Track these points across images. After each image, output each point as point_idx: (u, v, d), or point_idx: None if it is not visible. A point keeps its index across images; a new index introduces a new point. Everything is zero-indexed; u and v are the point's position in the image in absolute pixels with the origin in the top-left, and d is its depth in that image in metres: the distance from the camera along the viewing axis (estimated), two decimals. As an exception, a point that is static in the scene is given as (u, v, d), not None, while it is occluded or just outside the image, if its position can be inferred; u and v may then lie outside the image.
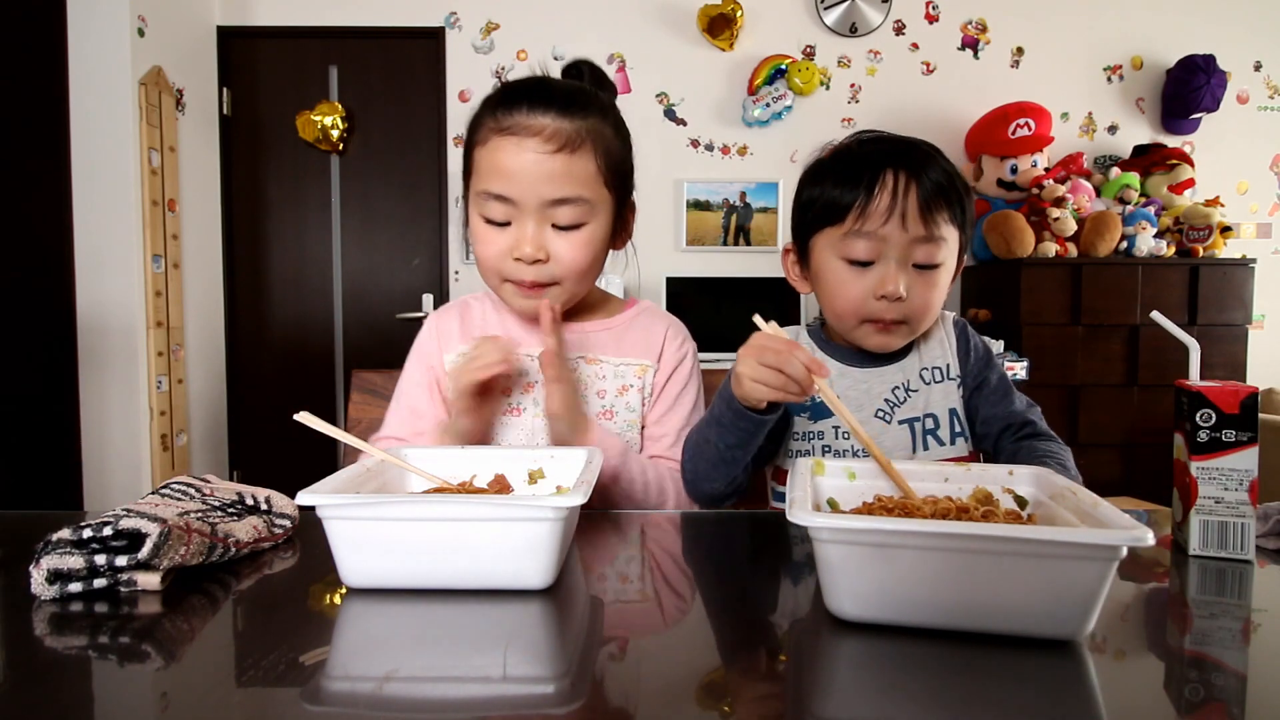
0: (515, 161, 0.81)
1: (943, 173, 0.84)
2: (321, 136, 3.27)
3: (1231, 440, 0.64)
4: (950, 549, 0.46)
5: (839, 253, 0.86)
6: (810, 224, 0.90)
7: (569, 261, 0.86)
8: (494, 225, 0.85)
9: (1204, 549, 0.64)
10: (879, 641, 0.47)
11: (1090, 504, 0.52)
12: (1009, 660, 0.45)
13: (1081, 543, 0.45)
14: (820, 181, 0.89)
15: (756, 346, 0.73)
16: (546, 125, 0.81)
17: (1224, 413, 0.64)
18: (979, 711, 0.40)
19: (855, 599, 0.48)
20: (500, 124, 0.83)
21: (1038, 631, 0.47)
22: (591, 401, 0.93)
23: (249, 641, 0.48)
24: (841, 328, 0.92)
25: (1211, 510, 0.64)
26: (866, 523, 0.47)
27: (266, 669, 0.43)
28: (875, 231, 0.83)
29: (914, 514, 0.57)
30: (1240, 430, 0.64)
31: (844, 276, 0.87)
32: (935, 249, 0.84)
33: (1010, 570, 0.46)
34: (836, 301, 0.88)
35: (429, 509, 0.53)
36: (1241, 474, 0.63)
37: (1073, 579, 0.45)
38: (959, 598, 0.47)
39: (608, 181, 0.86)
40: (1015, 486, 0.63)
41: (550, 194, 0.82)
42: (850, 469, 0.66)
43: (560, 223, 0.84)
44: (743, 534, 0.73)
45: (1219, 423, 0.64)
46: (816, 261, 0.90)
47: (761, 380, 0.72)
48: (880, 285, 0.84)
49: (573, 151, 0.82)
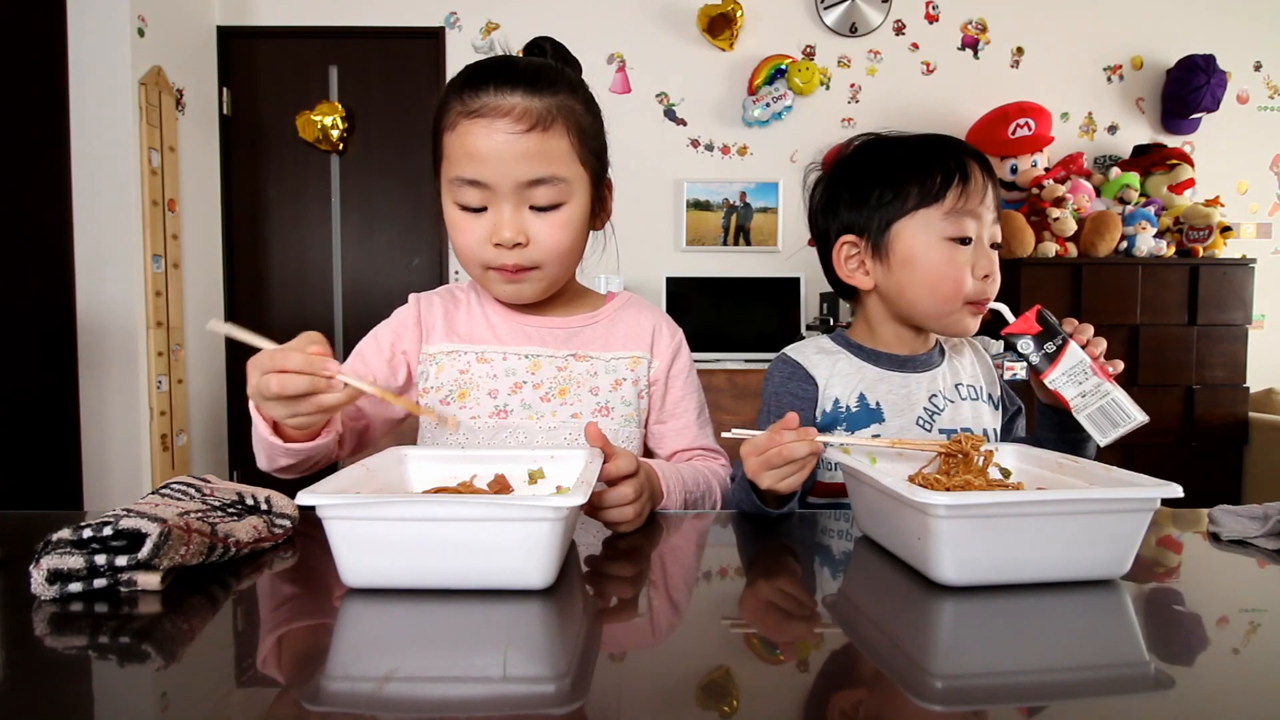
0: (487, 144, 0.79)
1: (981, 157, 0.89)
2: (321, 136, 3.27)
3: (1054, 350, 0.81)
4: (1042, 514, 0.55)
5: (942, 233, 0.87)
6: (891, 209, 0.89)
7: (550, 244, 0.84)
8: (470, 212, 0.83)
9: (1103, 435, 0.77)
10: (932, 608, 0.51)
11: (1104, 469, 0.63)
12: (1061, 601, 0.54)
13: (1131, 498, 0.55)
14: (889, 163, 0.90)
15: (759, 460, 0.72)
16: (515, 104, 0.79)
17: (1034, 335, 0.82)
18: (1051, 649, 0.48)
19: (960, 565, 0.54)
20: (468, 107, 0.81)
21: (1088, 575, 0.56)
22: (585, 400, 0.92)
23: (249, 641, 0.48)
24: (942, 311, 0.90)
25: (1086, 404, 0.79)
26: (982, 497, 0.54)
27: (266, 669, 0.43)
28: (974, 209, 0.86)
29: (970, 485, 0.67)
30: (1051, 339, 0.82)
31: (950, 257, 0.87)
32: (998, 228, 0.89)
33: (1080, 525, 0.55)
34: (942, 286, 0.88)
35: (429, 509, 0.53)
36: (1080, 365, 0.79)
37: (1119, 528, 0.56)
38: (1039, 554, 0.55)
39: (582, 159, 0.85)
40: (1000, 460, 0.74)
41: (525, 174, 0.80)
42: (871, 454, 0.74)
43: (538, 203, 0.82)
44: (742, 532, 0.73)
45: (1037, 343, 0.82)
46: (907, 247, 0.89)
47: (786, 476, 0.72)
48: (979, 265, 0.87)
49: (545, 130, 0.80)
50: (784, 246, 3.40)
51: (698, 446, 0.98)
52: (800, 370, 0.94)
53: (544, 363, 0.92)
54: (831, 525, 0.75)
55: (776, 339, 3.15)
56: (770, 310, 3.27)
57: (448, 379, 0.91)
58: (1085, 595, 0.55)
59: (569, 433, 0.90)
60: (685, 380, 1.00)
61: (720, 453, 1.00)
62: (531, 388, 0.91)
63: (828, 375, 0.93)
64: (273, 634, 0.49)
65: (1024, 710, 0.40)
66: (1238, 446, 3.13)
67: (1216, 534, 0.70)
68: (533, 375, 0.92)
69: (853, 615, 0.53)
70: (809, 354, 0.96)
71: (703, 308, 3.24)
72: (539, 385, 0.91)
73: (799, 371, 0.94)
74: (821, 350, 0.96)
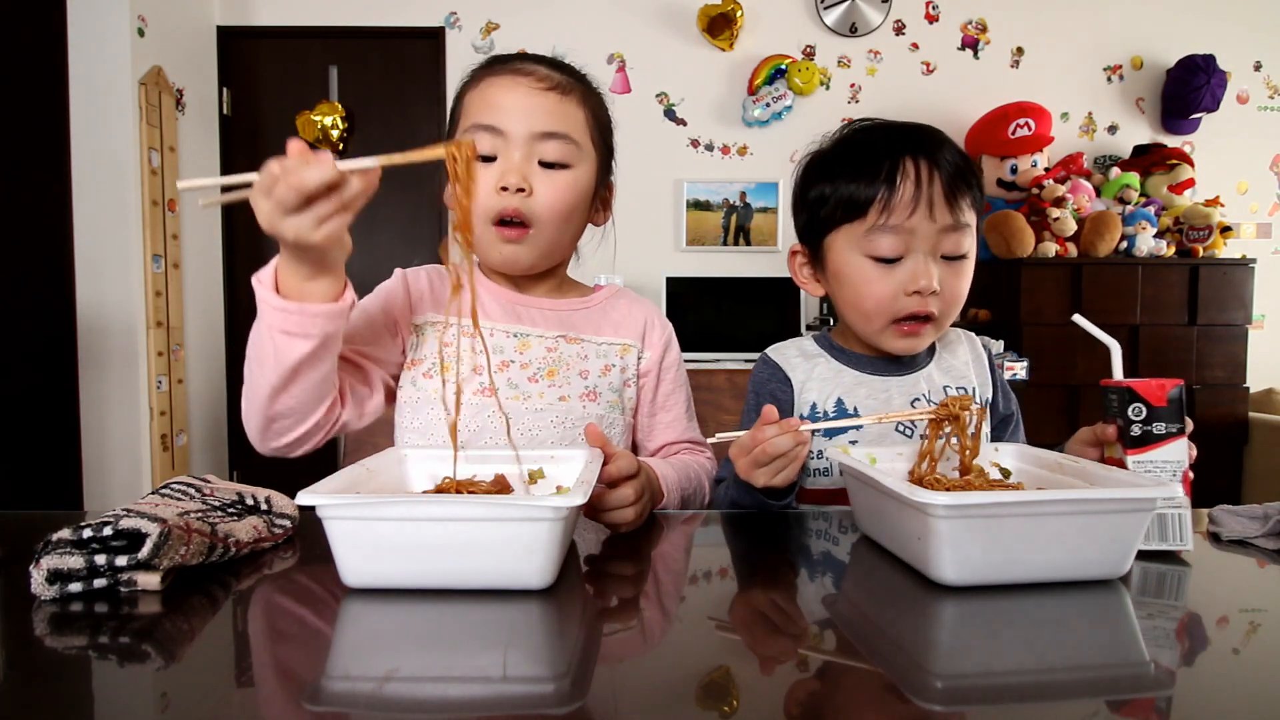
0: (508, 96, 0.83)
1: (959, 154, 0.81)
2: (321, 136, 3.27)
3: (1163, 433, 0.66)
4: (1042, 514, 0.54)
5: (863, 250, 0.82)
6: (824, 222, 0.85)
7: (551, 199, 0.84)
8: (481, 161, 0.82)
9: (1145, 542, 0.64)
10: (931, 608, 0.51)
11: (1104, 470, 0.63)
12: (1061, 601, 0.54)
13: (1131, 498, 0.55)
14: (830, 176, 0.84)
15: (749, 461, 0.72)
16: (539, 69, 0.85)
17: (1154, 406, 0.66)
18: (1051, 649, 0.47)
19: (960, 565, 0.54)
20: (494, 70, 0.85)
21: (1088, 575, 0.56)
22: (574, 382, 0.91)
23: (249, 641, 0.48)
24: (867, 330, 0.87)
25: None
26: (982, 497, 0.54)
27: (266, 669, 0.43)
28: (902, 224, 0.79)
29: (970, 485, 0.66)
30: (1170, 422, 0.66)
31: (870, 275, 0.82)
32: (962, 237, 0.81)
33: (1080, 525, 0.55)
34: (864, 302, 0.84)
35: (429, 509, 0.53)
36: (1174, 465, 0.66)
37: (1119, 528, 0.55)
38: (1039, 554, 0.55)
39: (594, 138, 0.88)
40: (1000, 460, 0.73)
41: (540, 125, 0.82)
42: (871, 454, 0.73)
43: (546, 158, 0.84)
44: (741, 533, 0.73)
45: (1149, 416, 0.66)
46: (835, 262, 0.86)
47: (779, 471, 0.71)
48: (912, 280, 0.80)
49: (564, 95, 0.84)
50: (784, 246, 3.40)
51: (685, 440, 0.99)
52: (779, 372, 0.93)
53: (533, 342, 0.91)
54: (825, 527, 0.75)
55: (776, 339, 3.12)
56: (770, 310, 3.27)
57: (430, 351, 0.89)
58: (1085, 595, 0.55)
59: (555, 416, 0.88)
60: (676, 373, 1.00)
61: (706, 446, 1.00)
62: (519, 367, 0.89)
63: (804, 379, 0.92)
64: (273, 634, 0.49)
65: (1024, 710, 0.40)
66: (1238, 446, 3.13)
67: (1216, 534, 0.70)
68: (520, 355, 0.90)
69: (852, 615, 0.53)
70: (789, 355, 0.94)
71: (702, 308, 3.24)
72: (527, 365, 0.89)
73: (777, 373, 0.93)
74: (802, 353, 0.95)
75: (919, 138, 0.82)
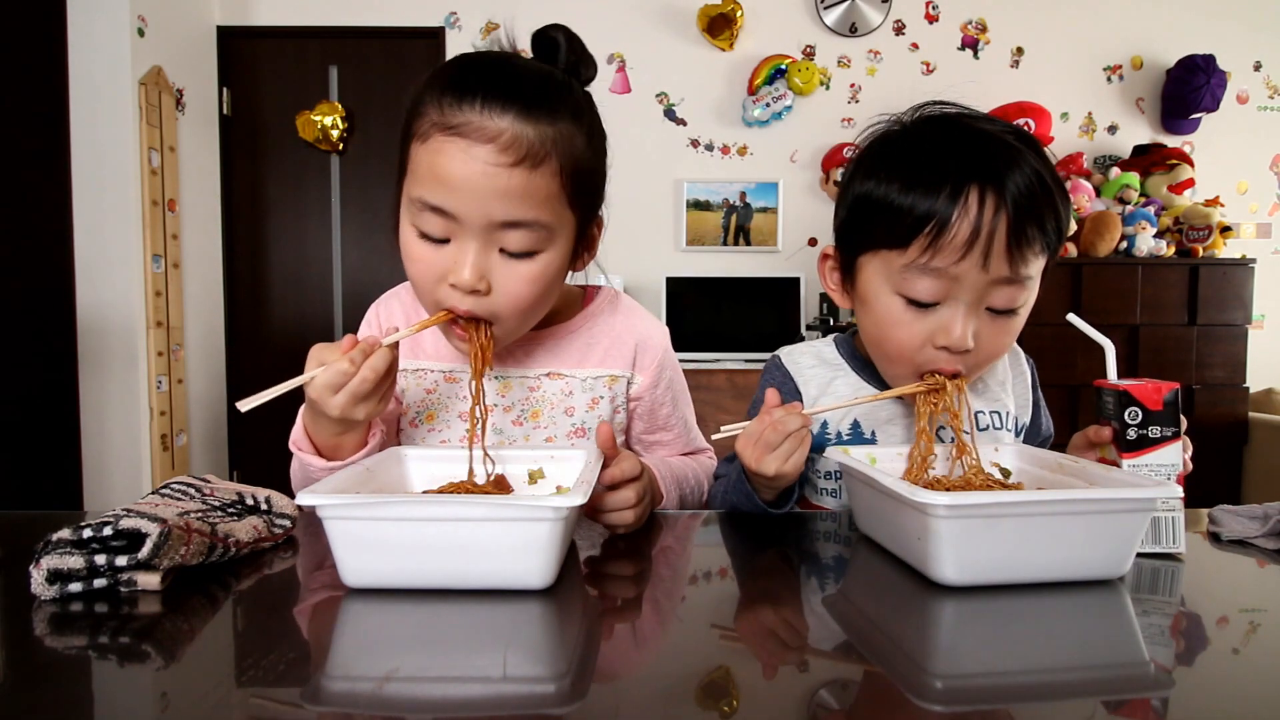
0: (462, 170, 0.65)
1: (1040, 182, 0.66)
2: (321, 136, 3.27)
3: (1158, 436, 0.65)
4: (1042, 514, 0.55)
5: (895, 287, 0.70)
6: (862, 236, 0.73)
7: (512, 296, 0.71)
8: (429, 241, 0.70)
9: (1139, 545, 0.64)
10: (931, 608, 0.51)
11: (1104, 470, 0.63)
12: (1061, 601, 0.54)
13: (1131, 498, 0.55)
14: (884, 173, 0.71)
15: (759, 446, 0.70)
16: (504, 130, 0.65)
17: (1150, 410, 0.65)
18: (1051, 649, 0.48)
19: (960, 565, 0.54)
20: (447, 120, 0.66)
21: (1088, 575, 0.56)
22: (560, 422, 0.85)
23: (249, 641, 0.48)
24: (886, 371, 0.79)
25: None
26: (982, 497, 0.54)
27: (266, 669, 0.43)
28: (946, 269, 0.66)
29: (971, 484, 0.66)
30: (1165, 426, 0.65)
31: (898, 316, 0.71)
32: (1018, 292, 0.68)
33: (1080, 525, 0.55)
34: (887, 344, 0.74)
35: (429, 509, 0.53)
36: (1169, 469, 0.66)
37: (1119, 528, 0.56)
38: (1039, 554, 0.55)
39: (572, 200, 0.71)
40: (1000, 460, 0.73)
41: (500, 214, 0.67)
42: (871, 454, 0.74)
43: (509, 248, 0.69)
44: (741, 533, 0.73)
45: (1145, 420, 0.65)
46: (864, 288, 0.74)
47: (788, 455, 0.69)
48: (944, 332, 0.69)
49: (534, 166, 0.66)
50: (784, 246, 3.40)
51: (689, 451, 0.98)
52: (790, 383, 0.88)
53: (514, 384, 0.86)
54: (829, 527, 0.75)
55: (776, 339, 3.14)
56: (770, 310, 3.27)
57: (414, 399, 0.86)
58: (1085, 595, 0.55)
59: None
60: (672, 396, 0.93)
61: (707, 447, 0.99)
62: (502, 410, 0.85)
63: (818, 394, 0.86)
64: (273, 634, 0.49)
65: (1024, 710, 0.40)
66: (1238, 446, 3.13)
67: (1216, 534, 0.70)
68: (503, 398, 0.85)
69: (852, 615, 0.53)
70: (804, 365, 0.88)
71: (702, 308, 3.24)
72: (510, 408, 0.85)
73: (788, 384, 0.88)
74: (821, 361, 0.88)
75: (995, 152, 0.67)
